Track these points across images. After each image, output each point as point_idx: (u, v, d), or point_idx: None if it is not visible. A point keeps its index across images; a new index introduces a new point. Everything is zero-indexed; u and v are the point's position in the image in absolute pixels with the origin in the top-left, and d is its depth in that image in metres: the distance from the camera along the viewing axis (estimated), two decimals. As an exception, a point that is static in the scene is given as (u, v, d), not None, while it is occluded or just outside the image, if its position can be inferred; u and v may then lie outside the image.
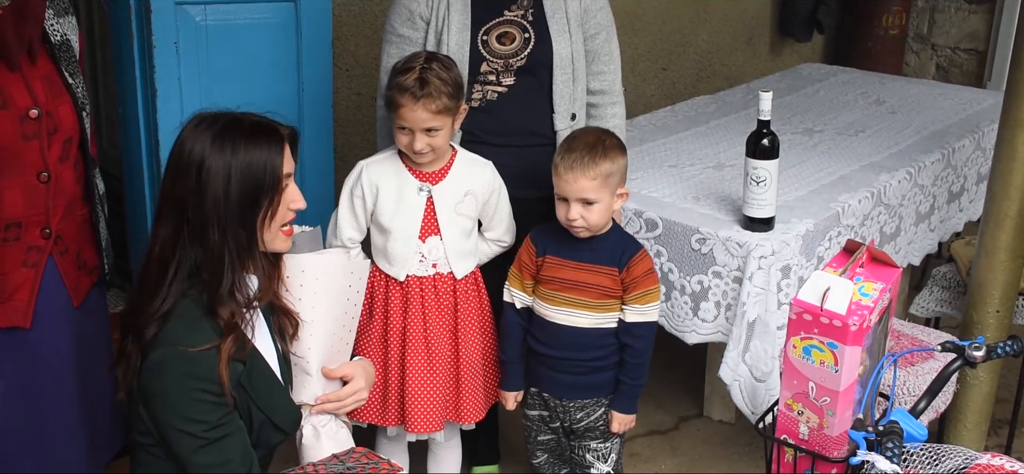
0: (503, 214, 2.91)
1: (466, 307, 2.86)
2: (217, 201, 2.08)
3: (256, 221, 2.14)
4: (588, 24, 2.98)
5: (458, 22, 2.87)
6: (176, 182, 2.10)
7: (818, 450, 2.12)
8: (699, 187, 3.44)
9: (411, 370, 2.80)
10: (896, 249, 3.67)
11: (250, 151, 2.11)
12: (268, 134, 2.15)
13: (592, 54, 3.01)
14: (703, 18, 5.63)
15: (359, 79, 4.13)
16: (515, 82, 2.90)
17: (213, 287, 2.11)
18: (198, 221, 2.08)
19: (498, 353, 2.93)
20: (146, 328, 2.07)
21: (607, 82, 3.07)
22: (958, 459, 2.03)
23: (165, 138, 3.12)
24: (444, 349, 2.83)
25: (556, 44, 2.91)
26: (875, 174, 3.59)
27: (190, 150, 2.09)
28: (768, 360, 3.04)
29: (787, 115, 4.30)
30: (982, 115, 4.34)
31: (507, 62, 2.89)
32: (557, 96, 2.94)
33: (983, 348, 2.19)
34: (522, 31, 2.90)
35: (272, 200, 2.15)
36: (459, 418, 2.91)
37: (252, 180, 2.11)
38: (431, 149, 2.71)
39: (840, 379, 2.04)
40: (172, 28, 3.03)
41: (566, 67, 2.93)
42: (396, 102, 2.67)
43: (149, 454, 2.15)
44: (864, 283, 2.11)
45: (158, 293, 2.08)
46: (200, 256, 2.10)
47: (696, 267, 3.13)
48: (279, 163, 2.15)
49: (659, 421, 3.76)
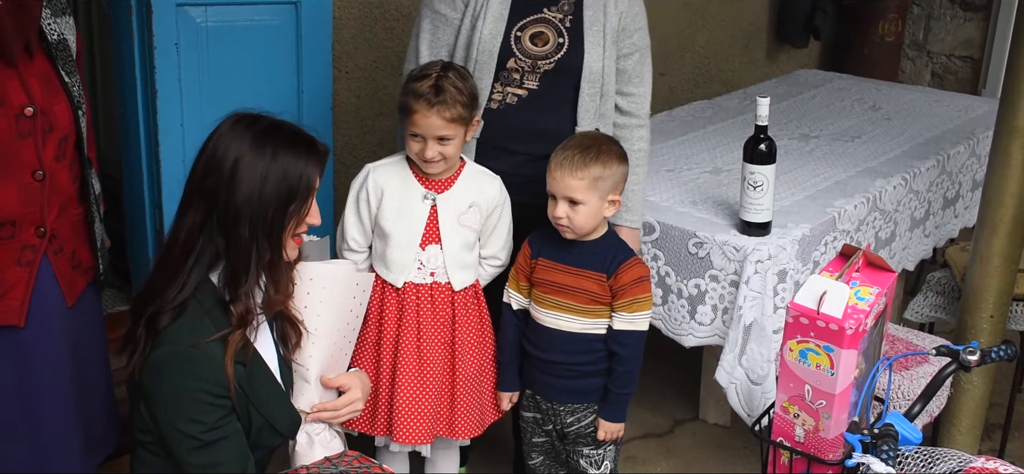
0: (502, 231, 2.88)
1: (464, 320, 2.83)
2: (250, 199, 2.09)
3: (285, 225, 2.16)
4: (623, 43, 2.92)
5: (496, 11, 2.82)
6: (208, 174, 2.11)
7: (814, 452, 2.13)
8: (696, 191, 3.45)
9: (401, 380, 2.77)
10: (891, 254, 3.68)
11: (288, 157, 2.13)
12: (307, 145, 2.18)
13: (624, 74, 2.95)
14: (700, 23, 5.65)
15: (359, 82, 4.14)
16: (538, 86, 2.85)
17: (235, 281, 2.13)
18: (230, 213, 2.10)
19: (496, 355, 2.93)
20: (160, 315, 2.08)
21: (636, 105, 2.99)
22: (952, 462, 2.05)
23: (165, 139, 3.13)
24: (437, 361, 2.79)
25: (588, 55, 2.85)
26: (871, 180, 3.61)
27: (227, 146, 2.11)
28: (764, 363, 3.05)
29: (784, 120, 4.32)
30: (977, 122, 4.37)
31: (535, 63, 2.84)
32: (582, 108, 2.88)
33: (977, 352, 2.21)
34: (557, 34, 2.85)
35: (301, 208, 2.18)
36: (452, 433, 2.86)
37: (287, 185, 2.13)
38: (442, 157, 2.69)
39: (836, 382, 2.05)
40: (173, 29, 3.04)
41: (595, 80, 2.87)
42: (410, 108, 2.65)
43: (149, 452, 2.16)
44: (860, 287, 2.13)
45: (178, 277, 2.10)
46: (224, 247, 2.12)
47: (693, 271, 3.14)
48: (314, 174, 2.18)
49: (654, 424, 3.77)
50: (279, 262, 2.20)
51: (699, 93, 5.53)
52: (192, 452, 2.08)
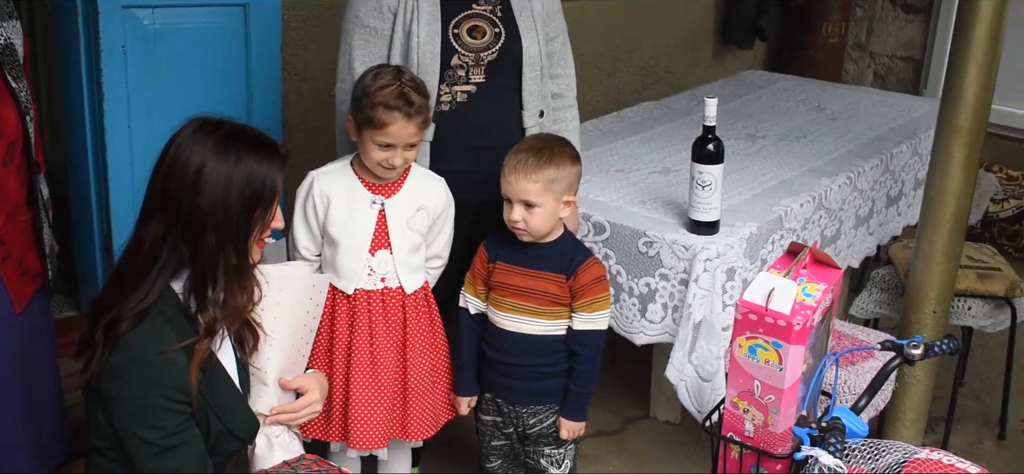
0: (446, 232, 2.89)
1: (415, 322, 2.83)
2: (215, 205, 2.07)
3: (251, 231, 2.14)
4: (549, 26, 3.00)
5: (428, 13, 2.83)
6: (170, 181, 2.09)
7: (763, 447, 2.17)
8: (646, 191, 3.48)
9: (355, 386, 2.76)
10: (836, 252, 3.73)
11: (252, 162, 2.11)
12: (270, 149, 2.17)
13: (552, 57, 3.03)
14: (648, 25, 5.69)
15: (308, 83, 4.12)
16: (485, 80, 2.87)
17: (201, 289, 2.11)
18: (194, 221, 2.07)
19: (452, 359, 2.93)
20: (120, 321, 2.05)
21: (565, 86, 3.09)
22: (898, 454, 2.08)
23: (112, 142, 3.10)
24: (390, 365, 2.79)
25: (525, 40, 2.90)
26: (816, 179, 3.66)
27: (190, 153, 2.08)
28: (714, 360, 3.08)
29: (731, 121, 4.36)
30: (919, 121, 4.44)
31: (478, 55, 2.86)
32: (527, 93, 2.93)
33: (921, 346, 2.25)
34: (492, 26, 2.88)
35: (266, 213, 2.17)
36: (406, 435, 2.87)
37: (252, 190, 2.11)
38: (405, 163, 2.70)
39: (784, 377, 2.08)
40: (119, 32, 3.01)
41: (536, 64, 2.92)
42: (381, 121, 2.61)
43: (105, 458, 2.13)
44: (807, 284, 2.16)
45: (140, 288, 2.07)
46: (189, 255, 2.09)
47: (643, 270, 3.17)
48: (277, 178, 2.17)
49: (606, 422, 3.79)
50: (246, 267, 2.19)
51: (647, 94, 5.56)
52: (151, 458, 2.06)
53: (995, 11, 2.96)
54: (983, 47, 2.99)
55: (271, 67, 3.34)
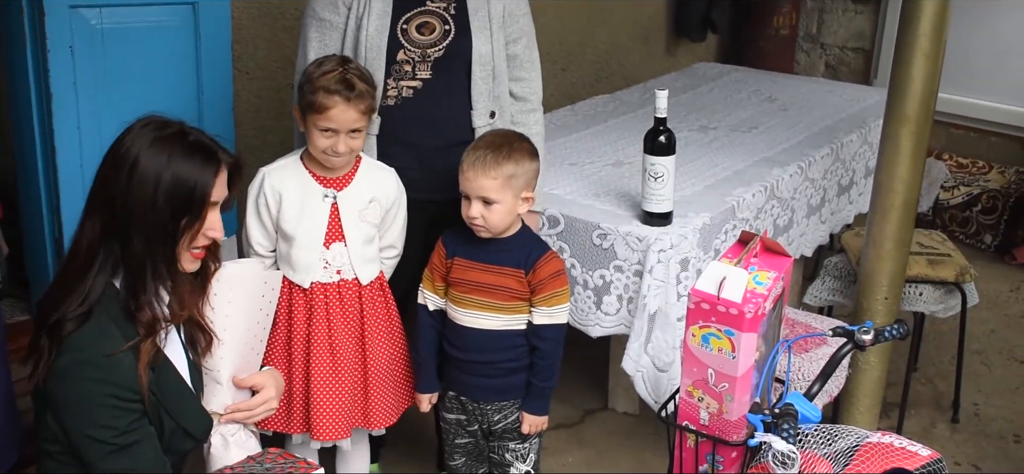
0: (400, 223, 2.90)
1: (372, 313, 2.84)
2: (144, 206, 2.04)
3: (178, 235, 2.11)
4: (510, 28, 2.96)
5: (379, 8, 2.83)
6: (108, 177, 2.07)
7: (718, 434, 2.19)
8: (599, 184, 3.50)
9: (316, 378, 2.77)
10: (789, 241, 3.77)
11: (183, 163, 2.07)
12: (206, 153, 2.12)
13: (515, 60, 3.00)
14: (600, 20, 5.71)
15: (259, 81, 4.09)
16: (431, 76, 2.87)
17: (133, 291, 2.09)
18: (123, 221, 2.05)
19: (412, 356, 2.93)
20: (64, 323, 2.03)
21: (528, 89, 3.05)
22: (851, 438, 2.11)
23: (61, 143, 3.06)
24: (350, 355, 2.81)
25: (476, 39, 2.88)
26: (768, 169, 3.70)
27: (128, 148, 2.06)
28: (669, 350, 3.10)
29: (683, 113, 4.39)
30: (868, 111, 4.49)
31: (424, 52, 2.86)
32: (475, 92, 2.91)
33: (871, 332, 2.28)
34: (442, 22, 2.87)
35: (194, 219, 2.12)
36: (368, 424, 2.89)
37: (180, 195, 2.07)
38: (350, 151, 2.70)
39: (738, 365, 2.10)
40: (66, 31, 2.97)
41: (486, 63, 2.90)
42: (322, 105, 2.63)
43: (56, 461, 2.11)
44: (758, 272, 2.18)
45: (79, 289, 2.05)
46: (121, 257, 2.07)
47: (598, 262, 3.18)
48: (209, 184, 2.11)
49: (565, 415, 3.80)
50: (176, 274, 2.16)
51: (600, 87, 5.58)
52: (106, 458, 2.04)
53: (939, 1, 3.00)
54: (929, 37, 3.02)
55: (222, 66, 3.31)
